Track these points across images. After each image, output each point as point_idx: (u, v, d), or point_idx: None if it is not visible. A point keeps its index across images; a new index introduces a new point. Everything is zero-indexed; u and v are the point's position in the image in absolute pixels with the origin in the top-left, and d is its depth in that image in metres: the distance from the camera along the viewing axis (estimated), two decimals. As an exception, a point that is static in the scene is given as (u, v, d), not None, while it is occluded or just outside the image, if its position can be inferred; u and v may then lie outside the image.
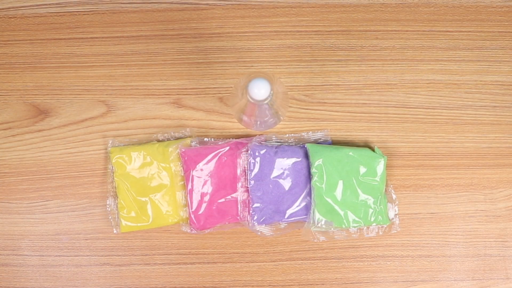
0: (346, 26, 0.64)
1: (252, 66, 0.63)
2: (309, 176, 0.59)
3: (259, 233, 0.60)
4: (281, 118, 0.59)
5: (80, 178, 0.62)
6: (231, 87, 0.63)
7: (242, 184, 0.59)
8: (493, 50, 0.64)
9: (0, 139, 0.62)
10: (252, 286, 0.61)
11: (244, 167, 0.59)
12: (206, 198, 0.59)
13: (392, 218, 0.60)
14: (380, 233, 0.60)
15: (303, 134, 0.62)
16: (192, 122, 0.62)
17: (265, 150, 0.59)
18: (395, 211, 0.60)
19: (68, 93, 0.63)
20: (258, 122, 0.58)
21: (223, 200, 0.60)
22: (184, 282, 0.61)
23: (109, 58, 0.63)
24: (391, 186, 0.61)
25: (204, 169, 0.59)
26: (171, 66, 0.63)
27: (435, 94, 0.63)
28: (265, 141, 0.61)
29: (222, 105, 0.63)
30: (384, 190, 0.60)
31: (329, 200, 0.59)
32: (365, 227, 0.60)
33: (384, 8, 0.64)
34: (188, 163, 0.59)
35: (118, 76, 0.63)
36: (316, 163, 0.59)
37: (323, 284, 0.61)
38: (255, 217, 0.59)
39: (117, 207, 0.60)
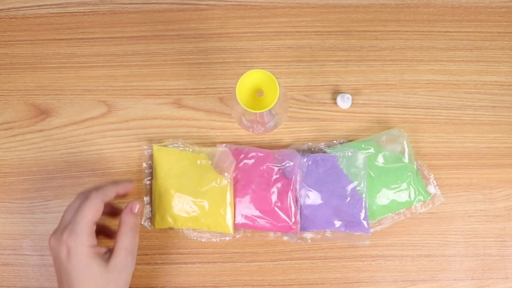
0: (346, 26, 0.64)
1: (252, 66, 0.63)
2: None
3: (309, 241, 0.60)
4: (282, 121, 0.60)
5: (81, 178, 0.62)
6: (231, 88, 0.63)
7: (291, 193, 0.58)
8: (492, 51, 0.64)
9: (1, 139, 0.63)
10: (252, 285, 0.61)
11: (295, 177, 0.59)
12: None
13: (432, 192, 0.60)
14: (424, 209, 0.60)
15: (334, 141, 0.62)
16: (192, 122, 0.63)
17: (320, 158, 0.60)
18: (434, 183, 0.61)
19: (69, 93, 0.63)
20: (258, 126, 0.58)
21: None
22: (184, 282, 0.61)
23: (109, 58, 0.64)
24: (421, 161, 0.61)
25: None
26: (172, 66, 0.64)
27: (435, 94, 0.63)
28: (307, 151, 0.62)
29: (222, 105, 0.63)
30: (415, 167, 0.60)
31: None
32: (408, 209, 0.60)
33: (384, 9, 0.64)
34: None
35: (118, 76, 0.63)
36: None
37: (323, 284, 0.61)
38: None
39: (151, 204, 0.60)
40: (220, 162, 0.59)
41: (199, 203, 0.58)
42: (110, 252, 0.52)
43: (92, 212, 0.51)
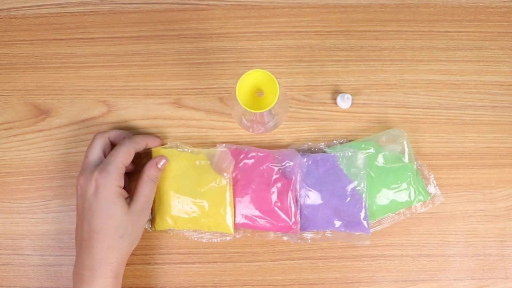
0: (346, 26, 0.64)
1: (252, 66, 0.63)
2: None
3: (309, 241, 0.60)
4: (282, 121, 0.60)
5: (80, 178, 0.62)
6: (231, 88, 0.63)
7: (291, 193, 0.58)
8: (492, 51, 0.64)
9: (1, 139, 0.63)
10: (252, 285, 0.61)
11: (295, 177, 0.59)
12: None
13: (432, 192, 0.60)
14: (424, 209, 0.60)
15: (334, 141, 0.62)
16: (192, 122, 0.63)
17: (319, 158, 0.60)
18: (434, 183, 0.61)
19: (69, 93, 0.63)
20: (258, 126, 0.58)
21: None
22: (184, 282, 0.61)
23: (109, 58, 0.64)
24: (421, 161, 0.61)
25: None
26: (172, 66, 0.64)
27: (435, 94, 0.63)
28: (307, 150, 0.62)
29: (222, 105, 0.63)
30: (415, 167, 0.60)
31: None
32: (408, 209, 0.60)
33: (384, 9, 0.64)
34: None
35: (118, 76, 0.63)
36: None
37: (323, 284, 0.61)
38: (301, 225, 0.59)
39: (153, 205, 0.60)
40: (219, 163, 0.59)
41: (198, 204, 0.58)
42: (130, 198, 0.55)
43: (124, 155, 0.55)
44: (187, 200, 0.58)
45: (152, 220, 0.60)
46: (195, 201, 0.58)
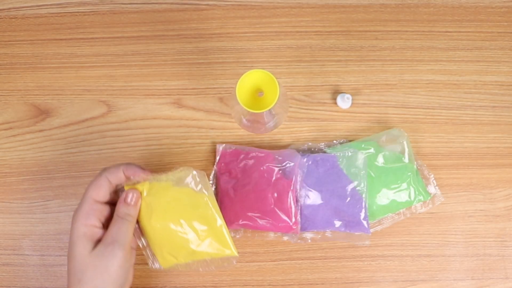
0: (346, 26, 0.64)
1: (252, 66, 0.63)
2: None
3: (309, 241, 0.60)
4: (282, 121, 0.60)
5: (80, 178, 0.62)
6: (231, 88, 0.63)
7: (292, 193, 0.58)
8: (492, 51, 0.64)
9: (1, 139, 0.63)
10: (252, 285, 0.61)
11: (295, 177, 0.58)
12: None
13: (432, 192, 0.60)
14: (424, 209, 0.60)
15: (334, 141, 0.62)
16: (192, 122, 0.63)
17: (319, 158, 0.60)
18: (434, 183, 0.61)
19: (69, 93, 0.63)
20: (258, 126, 0.58)
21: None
22: (184, 282, 0.61)
23: (109, 58, 0.64)
24: (421, 161, 0.61)
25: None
26: (172, 66, 0.64)
27: (435, 94, 0.63)
28: (307, 150, 0.62)
29: (222, 105, 0.63)
30: (415, 167, 0.60)
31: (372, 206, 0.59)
32: (408, 209, 0.60)
33: (384, 9, 0.64)
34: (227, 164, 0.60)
35: (118, 76, 0.63)
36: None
37: (323, 284, 0.61)
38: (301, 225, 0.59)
39: (147, 243, 0.55)
40: (191, 184, 0.53)
41: (190, 231, 0.52)
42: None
43: (94, 190, 0.51)
44: (176, 231, 0.52)
45: (157, 259, 0.55)
46: (185, 230, 0.52)
